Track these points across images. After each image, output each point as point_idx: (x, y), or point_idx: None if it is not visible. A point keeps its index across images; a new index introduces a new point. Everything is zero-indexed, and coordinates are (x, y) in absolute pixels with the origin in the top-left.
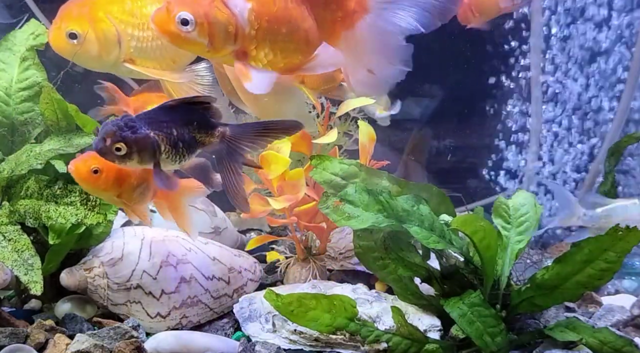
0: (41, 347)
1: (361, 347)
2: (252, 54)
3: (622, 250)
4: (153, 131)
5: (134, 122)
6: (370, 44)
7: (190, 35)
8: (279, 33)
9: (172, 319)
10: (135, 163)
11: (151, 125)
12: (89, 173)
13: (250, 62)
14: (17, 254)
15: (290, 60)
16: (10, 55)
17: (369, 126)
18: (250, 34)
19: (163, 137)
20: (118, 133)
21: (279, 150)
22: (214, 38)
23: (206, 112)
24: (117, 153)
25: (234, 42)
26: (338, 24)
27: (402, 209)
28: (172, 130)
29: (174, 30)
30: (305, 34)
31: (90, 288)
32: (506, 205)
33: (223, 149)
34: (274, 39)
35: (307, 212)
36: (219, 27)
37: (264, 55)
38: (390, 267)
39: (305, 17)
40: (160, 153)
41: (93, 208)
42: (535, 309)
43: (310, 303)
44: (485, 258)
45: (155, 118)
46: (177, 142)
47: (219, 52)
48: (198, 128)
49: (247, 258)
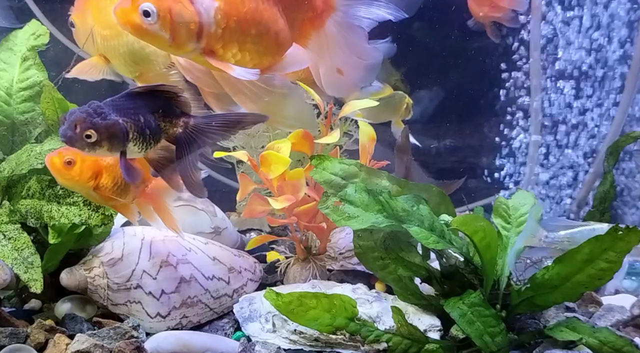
0: (41, 347)
1: (361, 346)
2: (219, 54)
3: (623, 249)
4: (122, 117)
5: (102, 109)
6: (340, 42)
7: (152, 28)
8: (248, 34)
9: (172, 319)
10: (105, 150)
11: (119, 111)
12: (62, 164)
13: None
14: (17, 252)
15: (259, 61)
16: (11, 55)
17: (369, 126)
18: (216, 32)
19: (131, 123)
20: (88, 120)
21: (279, 150)
22: (176, 33)
23: (172, 101)
24: (88, 140)
25: (197, 39)
26: (308, 24)
27: (402, 209)
28: (139, 117)
29: (136, 21)
30: (277, 35)
31: (90, 288)
32: (506, 205)
33: (184, 138)
34: (243, 40)
35: (307, 212)
36: (181, 22)
37: (232, 56)
38: (390, 267)
39: (277, 19)
40: (128, 140)
41: (97, 209)
42: (535, 309)
43: (310, 302)
44: (485, 258)
45: (123, 104)
46: (145, 129)
47: (182, 48)
48: (163, 116)
49: (247, 258)
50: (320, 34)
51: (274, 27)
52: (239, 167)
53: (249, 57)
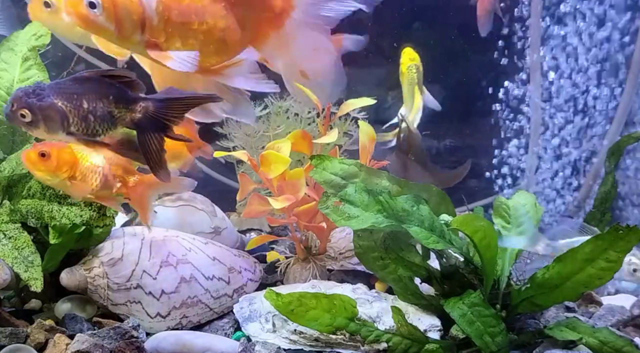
0: (41, 347)
1: (361, 347)
2: (163, 47)
3: (623, 249)
4: (61, 101)
5: (42, 90)
6: (301, 43)
7: (97, 19)
8: (189, 28)
9: (172, 319)
10: (43, 132)
11: (60, 95)
12: (37, 157)
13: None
14: (17, 252)
15: (205, 60)
16: (12, 55)
17: (369, 126)
18: (158, 25)
19: (71, 108)
20: (24, 99)
21: (279, 150)
22: (121, 24)
23: (125, 86)
24: (22, 119)
25: (142, 31)
26: (265, 24)
27: (402, 209)
28: (83, 102)
29: (82, 13)
30: (224, 33)
31: (90, 288)
32: (506, 205)
33: (146, 123)
34: (185, 35)
35: (307, 212)
36: (125, 13)
37: (176, 50)
38: (390, 267)
39: (221, 15)
40: (69, 124)
41: (98, 210)
42: (536, 309)
43: (310, 302)
44: (485, 258)
45: (66, 88)
46: (88, 115)
47: (127, 40)
48: (115, 102)
49: (247, 258)
50: (280, 35)
51: (220, 24)
52: (239, 167)
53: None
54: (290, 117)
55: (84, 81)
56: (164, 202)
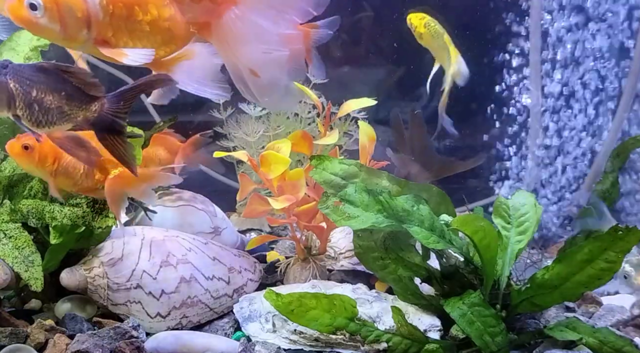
0: (41, 347)
1: (361, 347)
2: (112, 43)
3: (622, 249)
4: (14, 82)
5: (4, 68)
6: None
7: (41, 21)
8: (135, 21)
9: (172, 319)
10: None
11: (15, 76)
12: (20, 149)
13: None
14: (17, 251)
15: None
16: (14, 56)
17: (369, 126)
18: (104, 20)
19: (20, 92)
20: None
21: (279, 150)
22: (66, 24)
23: (81, 85)
24: None
25: (88, 29)
26: (207, 14)
27: (402, 209)
28: (32, 90)
29: (25, 16)
30: (168, 22)
31: (90, 288)
32: (506, 205)
33: (103, 122)
34: (132, 28)
35: (307, 212)
36: (69, 12)
37: (124, 44)
38: (390, 267)
39: (164, 4)
40: (15, 106)
41: (100, 210)
42: (536, 309)
43: (310, 302)
44: (485, 258)
45: (23, 73)
46: (33, 103)
47: (74, 40)
48: (67, 99)
49: (247, 258)
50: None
51: (164, 14)
52: (239, 167)
53: (141, 46)
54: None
55: (42, 71)
56: (164, 202)
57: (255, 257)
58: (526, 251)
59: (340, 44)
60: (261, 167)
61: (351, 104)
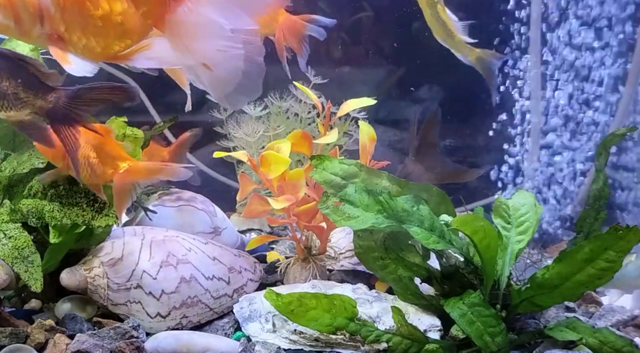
0: (41, 347)
1: (361, 347)
2: (66, 38)
3: (623, 249)
4: None
5: None
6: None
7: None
8: (87, 15)
9: (172, 319)
10: None
11: None
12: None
13: (68, 47)
14: (17, 251)
15: (108, 46)
16: None
17: (370, 126)
18: (56, 15)
19: None
20: None
21: (279, 150)
22: (19, 19)
23: (38, 74)
24: None
25: (42, 24)
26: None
27: (402, 209)
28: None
29: None
30: (120, 16)
31: (90, 288)
32: (506, 205)
33: (57, 113)
34: (84, 22)
35: (307, 212)
36: (21, 6)
37: (78, 39)
38: (390, 267)
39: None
40: None
41: (100, 210)
42: (536, 309)
43: (310, 302)
44: (485, 258)
45: None
46: None
47: (29, 35)
48: (23, 86)
49: (247, 258)
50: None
51: (116, 8)
52: (239, 167)
53: (94, 41)
54: (290, 117)
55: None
56: (164, 202)
57: (255, 257)
58: (526, 251)
59: (340, 44)
60: (261, 167)
61: (351, 104)
